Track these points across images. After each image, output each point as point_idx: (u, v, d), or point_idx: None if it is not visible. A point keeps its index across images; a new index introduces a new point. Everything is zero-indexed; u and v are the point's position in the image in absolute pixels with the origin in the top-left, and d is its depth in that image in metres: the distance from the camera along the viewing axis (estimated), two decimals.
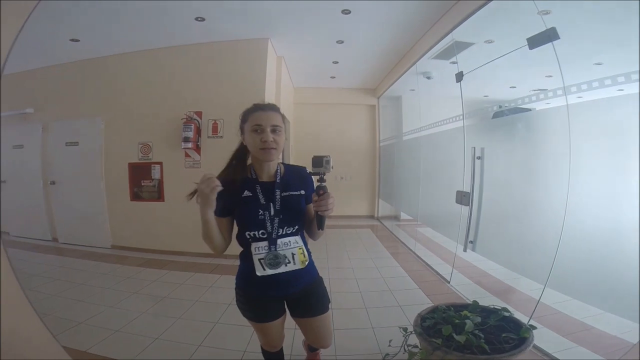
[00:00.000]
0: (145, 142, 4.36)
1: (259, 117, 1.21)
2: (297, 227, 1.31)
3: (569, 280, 1.99)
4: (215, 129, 4.20)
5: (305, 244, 1.36)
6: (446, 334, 1.65)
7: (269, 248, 1.25)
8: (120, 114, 4.44)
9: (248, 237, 1.26)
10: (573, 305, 2.19)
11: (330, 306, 1.47)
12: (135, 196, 4.41)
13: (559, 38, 2.03)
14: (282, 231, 1.27)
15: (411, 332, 1.82)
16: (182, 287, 3.22)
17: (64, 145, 4.69)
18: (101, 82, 4.49)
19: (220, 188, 1.09)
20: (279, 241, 1.26)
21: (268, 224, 1.25)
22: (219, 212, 1.24)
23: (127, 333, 2.36)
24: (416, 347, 1.83)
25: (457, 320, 1.75)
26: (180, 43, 4.17)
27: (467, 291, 2.95)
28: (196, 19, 3.51)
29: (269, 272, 1.24)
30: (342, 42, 4.27)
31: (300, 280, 1.34)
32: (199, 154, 4.23)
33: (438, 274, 3.50)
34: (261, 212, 1.24)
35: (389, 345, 1.96)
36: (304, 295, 1.37)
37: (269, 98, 4.29)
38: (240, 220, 1.28)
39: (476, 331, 1.66)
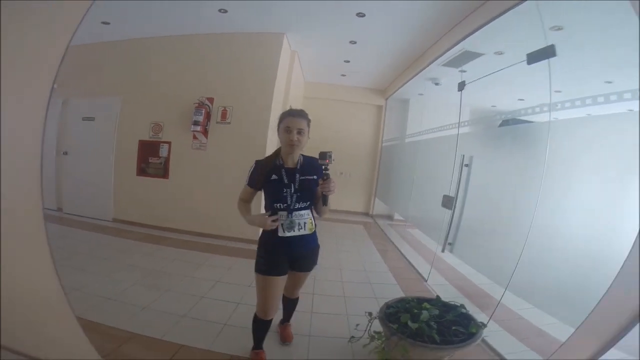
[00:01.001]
0: (157, 122, 4.58)
1: (289, 121, 1.66)
2: (308, 202, 1.75)
3: (531, 288, 2.14)
4: (224, 115, 4.39)
5: (314, 219, 1.81)
6: (403, 322, 1.82)
7: (288, 216, 1.69)
8: (139, 94, 4.66)
9: (276, 207, 1.70)
10: (535, 312, 2.32)
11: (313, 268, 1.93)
12: (142, 171, 4.63)
13: (556, 55, 2.13)
14: (298, 205, 1.71)
15: (375, 317, 1.99)
16: (175, 262, 3.42)
17: (81, 119, 4.94)
18: (125, 63, 4.73)
19: (275, 225, 1.67)
20: (295, 213, 1.71)
21: (288, 199, 1.69)
22: (255, 186, 1.75)
23: (118, 301, 2.52)
24: (379, 332, 2.00)
25: (415, 310, 1.92)
26: (202, 32, 4.37)
27: (441, 291, 3.10)
28: (219, 10, 3.70)
29: (287, 234, 1.69)
30: (354, 42, 4.39)
31: (307, 245, 1.79)
32: (206, 137, 4.43)
33: (417, 272, 3.66)
34: (285, 190, 1.68)
35: (355, 329, 2.12)
36: (304, 256, 1.82)
37: (279, 90, 4.47)
38: (269, 195, 1.73)
39: (431, 322, 1.83)
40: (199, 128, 4.28)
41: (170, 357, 1.93)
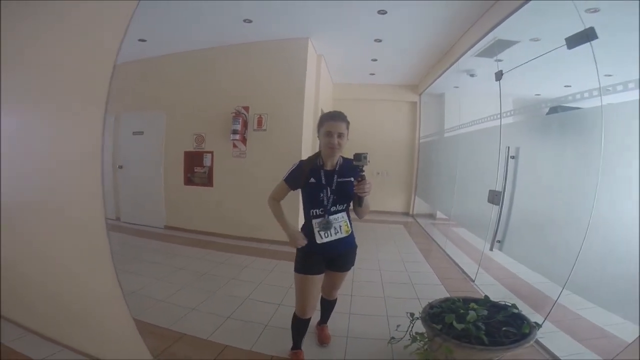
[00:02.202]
0: (199, 133, 4.82)
1: (330, 125, 1.68)
2: (345, 205, 1.77)
3: (589, 285, 1.93)
4: (260, 123, 4.52)
5: (350, 221, 1.82)
6: (448, 322, 1.73)
7: (324, 217, 1.73)
8: (180, 107, 4.93)
9: (312, 214, 1.74)
10: (598, 312, 2.09)
11: (352, 268, 1.94)
12: (189, 181, 4.91)
13: (597, 38, 1.97)
14: (335, 208, 1.74)
15: (417, 317, 1.92)
16: (221, 265, 3.57)
17: (131, 134, 5.37)
18: (163, 78, 5.03)
19: (305, 243, 1.75)
20: (331, 217, 1.74)
21: (325, 201, 1.72)
22: (292, 184, 1.78)
23: (169, 303, 2.66)
24: (422, 334, 1.92)
25: (462, 311, 1.81)
26: (230, 43, 4.55)
27: (490, 291, 2.89)
28: (244, 20, 3.83)
29: (325, 240, 1.73)
30: (380, 40, 4.32)
31: (345, 244, 1.81)
32: (245, 145, 4.59)
33: (464, 272, 3.47)
34: (322, 193, 1.72)
35: (396, 330, 2.06)
36: (342, 255, 1.85)
37: (309, 94, 4.53)
38: (307, 199, 1.77)
39: (479, 323, 1.71)
40: (237, 137, 4.45)
41: (215, 357, 2.01)
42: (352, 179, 1.73)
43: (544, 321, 1.97)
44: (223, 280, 3.15)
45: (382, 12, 3.45)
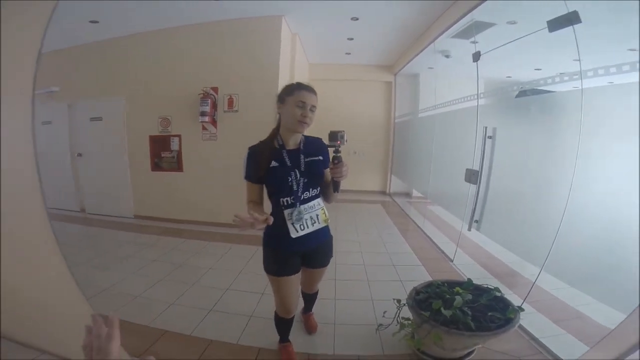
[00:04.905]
0: (165, 117, 4.53)
1: (304, 95, 1.39)
2: (318, 189, 1.53)
3: (566, 266, 2.01)
4: (230, 104, 4.32)
5: (326, 209, 1.58)
6: (435, 308, 1.74)
7: (295, 207, 1.46)
8: (141, 90, 4.60)
9: (282, 204, 1.46)
10: (571, 292, 2.21)
11: (330, 261, 1.74)
12: (156, 166, 4.65)
13: (581, 22, 1.94)
14: (308, 193, 1.48)
15: (404, 304, 1.93)
16: (196, 255, 3.44)
17: (89, 120, 4.93)
18: (121, 61, 4.64)
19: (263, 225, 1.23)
20: (304, 206, 1.48)
21: (294, 186, 1.44)
22: (254, 179, 1.46)
23: (146, 298, 2.55)
24: (409, 319, 1.94)
25: (448, 296, 1.84)
26: (196, 22, 4.23)
27: (468, 271, 3.01)
28: None
29: (301, 233, 1.48)
30: (357, 19, 4.19)
31: (318, 237, 1.57)
32: (215, 127, 4.39)
33: (442, 252, 3.57)
34: (289, 177, 1.43)
35: (383, 316, 2.08)
36: (317, 250, 1.61)
37: (283, 74, 4.34)
38: (272, 187, 1.47)
39: (465, 308, 1.74)
40: (207, 118, 4.24)
41: (200, 355, 1.93)
42: (321, 157, 1.51)
43: (522, 302, 2.05)
44: (200, 271, 3.05)
45: None
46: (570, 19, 1.95)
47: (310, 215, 1.50)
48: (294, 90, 1.41)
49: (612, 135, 1.89)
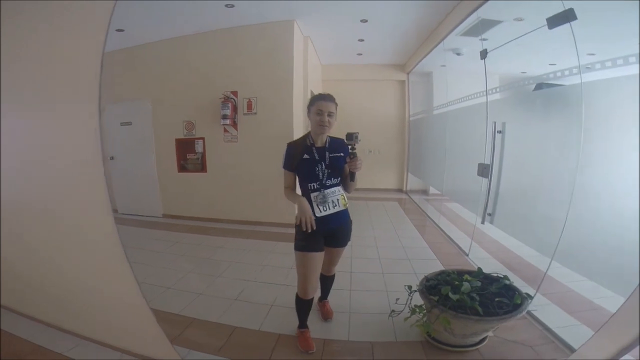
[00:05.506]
0: (189, 120, 4.78)
1: (321, 104, 1.78)
2: (339, 178, 1.91)
3: (576, 256, 2.04)
4: (250, 107, 4.51)
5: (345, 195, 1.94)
6: (444, 293, 1.84)
7: (320, 191, 1.83)
8: (166, 95, 4.86)
9: (310, 188, 1.84)
10: (586, 285, 2.22)
11: (350, 244, 2.06)
12: (182, 168, 4.91)
13: (577, 19, 2.02)
14: (330, 182, 1.86)
15: (415, 290, 2.03)
16: (222, 249, 3.64)
17: (119, 125, 5.28)
18: (147, 67, 4.91)
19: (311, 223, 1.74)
20: (327, 190, 1.85)
21: (320, 175, 1.82)
22: (291, 168, 1.85)
23: (176, 290, 2.76)
24: (421, 307, 2.03)
25: (456, 282, 1.92)
26: (215, 28, 4.44)
27: (484, 265, 3.01)
28: (226, 5, 3.73)
29: (323, 213, 1.83)
30: (366, 21, 4.30)
31: (340, 219, 1.91)
32: (236, 129, 4.59)
33: (458, 246, 3.61)
34: (317, 167, 1.82)
35: (395, 303, 2.16)
36: (338, 230, 1.94)
37: (297, 77, 4.51)
38: (303, 174, 1.85)
39: (473, 294, 1.83)
40: (228, 121, 4.45)
41: (226, 340, 2.10)
42: (342, 154, 1.87)
43: (535, 293, 2.09)
44: (224, 264, 3.24)
45: None
46: (567, 16, 2.01)
47: (332, 199, 1.85)
48: (315, 101, 1.81)
49: (616, 127, 1.91)
